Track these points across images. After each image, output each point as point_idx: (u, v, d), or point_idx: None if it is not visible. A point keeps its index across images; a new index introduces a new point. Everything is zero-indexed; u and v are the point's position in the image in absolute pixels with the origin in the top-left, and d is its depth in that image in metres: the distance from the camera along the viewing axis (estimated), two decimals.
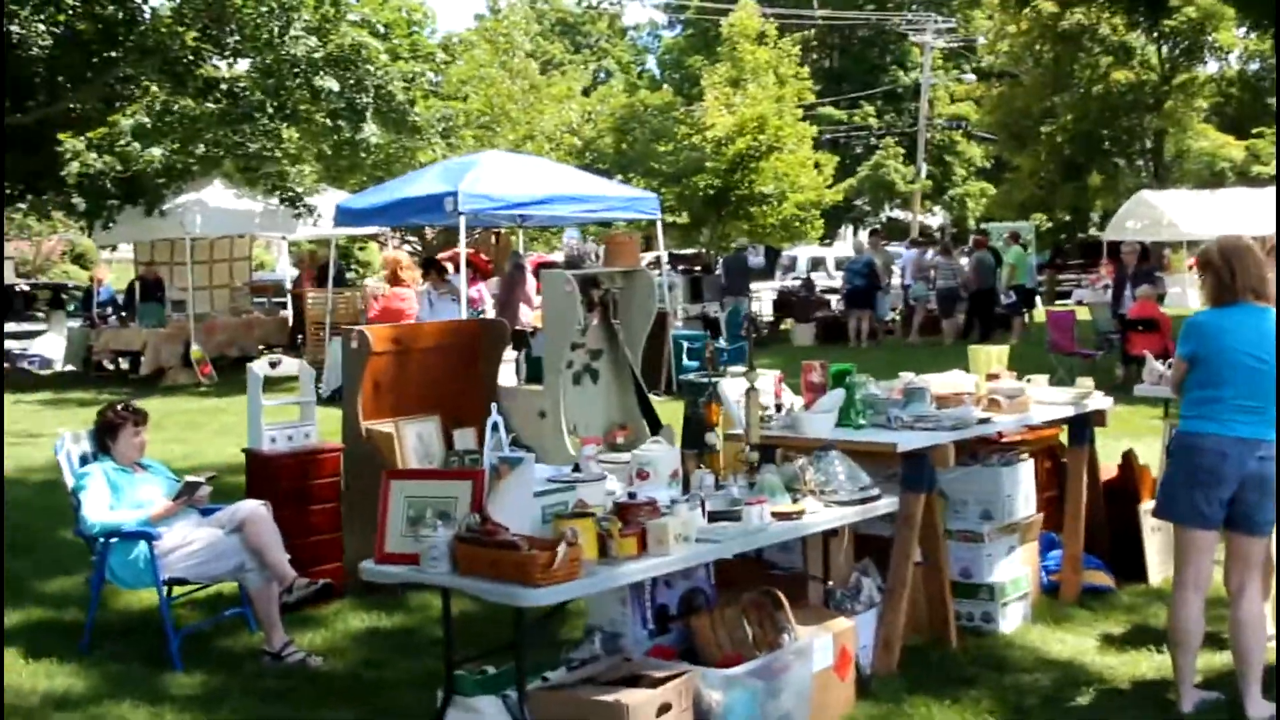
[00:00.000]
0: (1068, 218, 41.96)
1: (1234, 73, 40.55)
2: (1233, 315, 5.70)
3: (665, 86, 43.70)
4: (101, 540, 6.80)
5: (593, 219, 16.54)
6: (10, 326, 25.82)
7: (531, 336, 18.74)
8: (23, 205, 22.14)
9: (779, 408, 6.83)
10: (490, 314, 18.59)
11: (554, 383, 9.26)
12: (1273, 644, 6.35)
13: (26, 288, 29.46)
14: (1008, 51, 40.27)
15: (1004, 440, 7.42)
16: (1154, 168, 39.50)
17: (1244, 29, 32.93)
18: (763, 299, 29.41)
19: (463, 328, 9.81)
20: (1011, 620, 6.99)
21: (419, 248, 28.22)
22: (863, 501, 5.81)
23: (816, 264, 38.90)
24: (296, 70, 18.91)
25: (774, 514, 5.44)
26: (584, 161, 27.39)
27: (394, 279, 12.89)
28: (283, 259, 39.26)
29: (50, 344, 24.65)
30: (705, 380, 7.46)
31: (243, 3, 18.94)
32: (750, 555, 5.91)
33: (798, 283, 31.74)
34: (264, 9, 18.83)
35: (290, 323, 23.23)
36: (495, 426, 5.40)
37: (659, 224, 17.36)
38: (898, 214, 56.47)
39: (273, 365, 8.13)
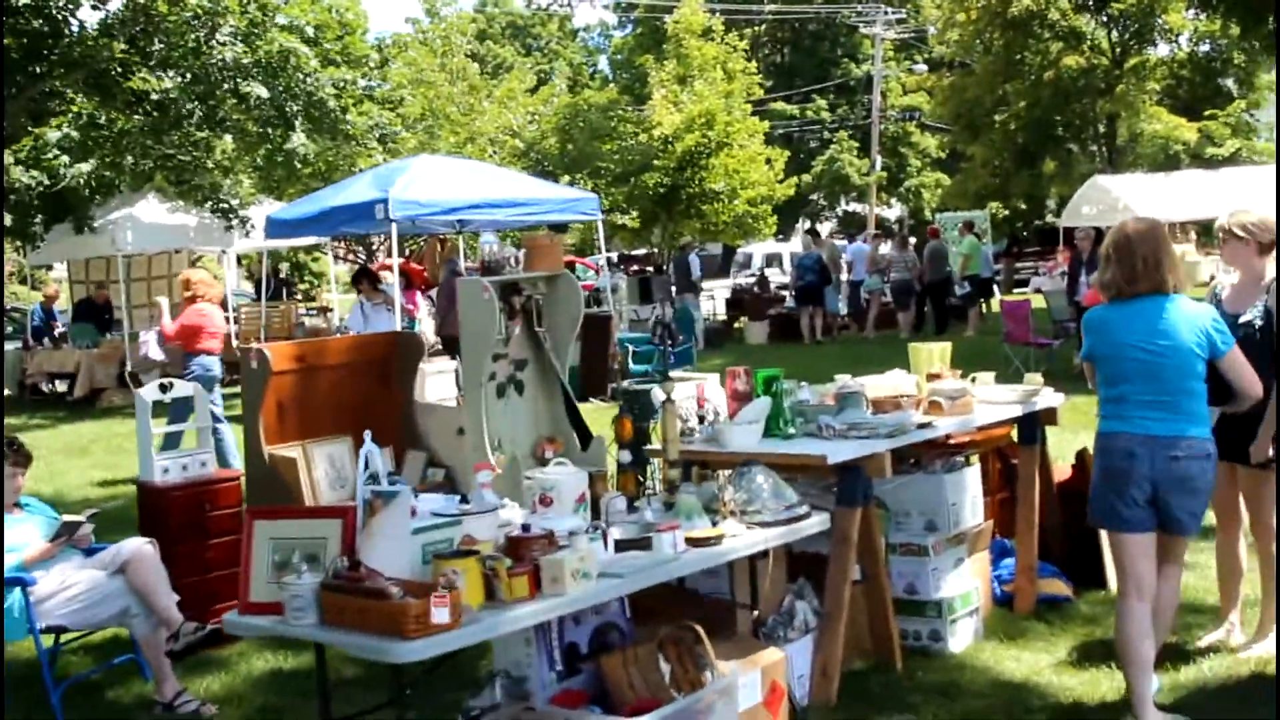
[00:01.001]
0: (1023, 205, 41.64)
1: (1184, 55, 40.28)
2: (1125, 309, 5.47)
3: (610, 85, 43.14)
4: None
5: (531, 221, 15.99)
6: None
7: None
8: None
9: (702, 419, 6.32)
10: (428, 323, 18.08)
11: (475, 396, 8.71)
12: (1261, 653, 6.06)
13: None
14: (957, 41, 39.86)
15: (951, 442, 6.93)
16: (1108, 152, 39.21)
17: (1192, 10, 32.56)
18: (715, 297, 28.93)
19: (375, 341, 9.26)
20: (961, 638, 6.51)
21: (363, 258, 27.65)
22: (789, 521, 5.30)
23: (771, 260, 38.47)
24: (224, 77, 18.29)
25: (689, 540, 4.93)
26: (528, 163, 26.83)
27: (190, 298, 12.16)
28: (230, 273, 38.60)
29: None
30: (634, 389, 6.96)
31: (168, 10, 18.34)
32: (672, 583, 5.42)
33: (751, 280, 31.26)
34: (188, 15, 18.22)
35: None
36: (369, 457, 4.83)
37: (599, 225, 16.81)
38: (855, 207, 56.14)
39: (164, 389, 7.56)
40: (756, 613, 5.75)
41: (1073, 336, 16.95)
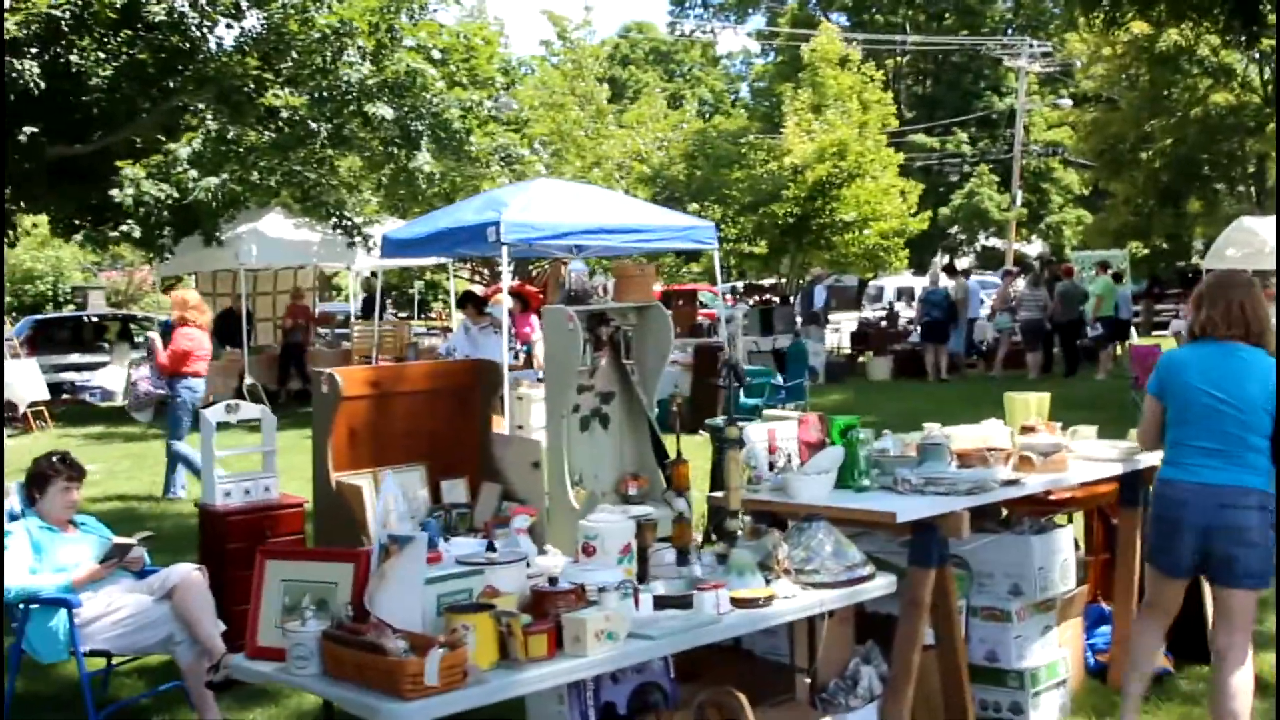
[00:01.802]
0: (1164, 245, 40.44)
1: None
2: (1199, 350, 5.45)
3: (741, 111, 42.79)
4: (20, 607, 6.10)
5: (646, 248, 15.72)
6: (75, 358, 25.51)
7: None
8: (78, 236, 21.75)
9: (772, 466, 5.96)
10: (541, 348, 17.90)
11: (556, 428, 8.48)
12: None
13: (95, 318, 29.14)
14: (1103, 75, 38.88)
15: (1051, 498, 6.48)
16: (1256, 193, 37.92)
17: None
18: (842, 330, 28.42)
19: (454, 369, 9.04)
20: (1045, 712, 6.06)
21: (488, 279, 27.62)
22: (850, 583, 4.92)
23: (902, 294, 37.82)
24: (349, 97, 18.34)
25: (734, 600, 4.58)
26: (655, 189, 26.64)
27: (181, 320, 12.28)
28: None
29: (112, 376, 24.33)
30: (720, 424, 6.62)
31: (299, 29, 18.46)
32: (726, 641, 5.08)
33: (881, 313, 30.69)
34: (315, 35, 18.32)
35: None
36: (388, 496, 4.54)
37: (716, 254, 16.50)
38: (994, 242, 55.09)
39: (230, 410, 7.39)
40: (812, 678, 5.36)
41: None
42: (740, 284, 34.88)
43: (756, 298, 29.20)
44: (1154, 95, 36.83)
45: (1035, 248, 55.52)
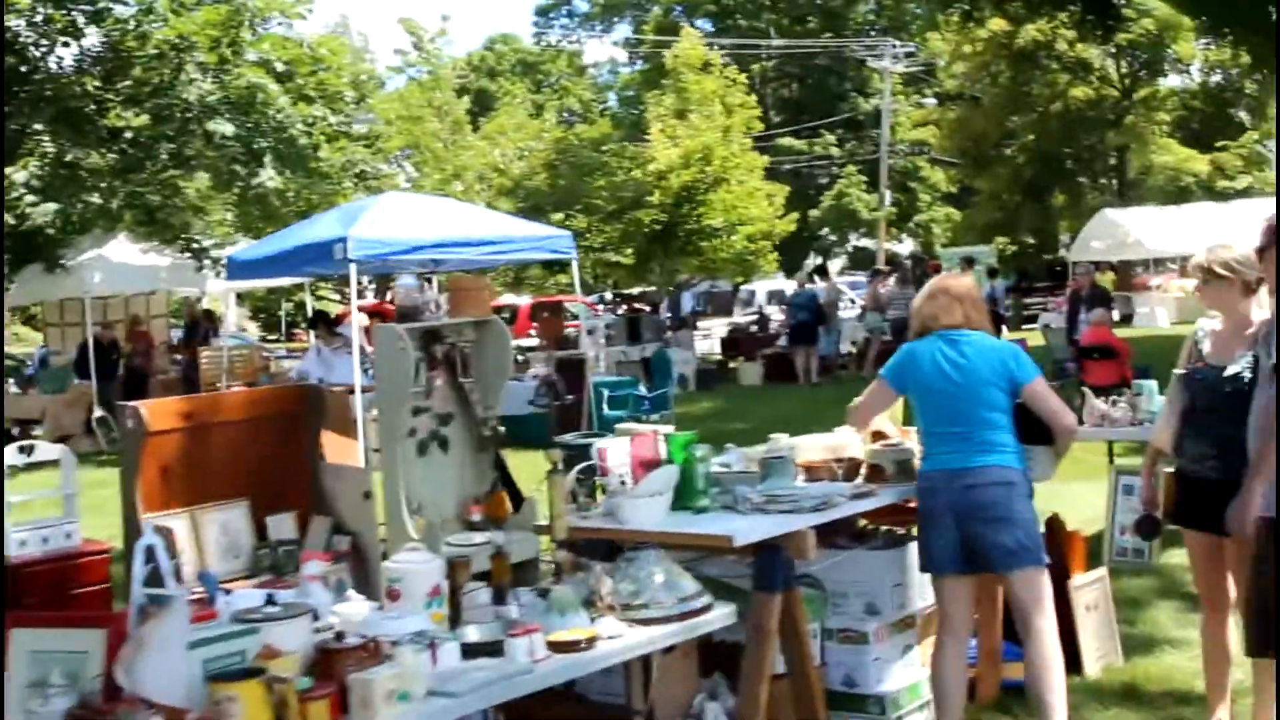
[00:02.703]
0: (1031, 240, 40.74)
1: (1196, 86, 39.50)
2: (927, 342, 5.46)
3: (607, 120, 42.46)
4: None
5: (502, 261, 15.32)
6: None
7: None
8: None
9: (603, 490, 5.52)
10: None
11: (392, 454, 7.94)
12: None
13: None
14: (964, 73, 39.12)
15: (911, 507, 6.12)
16: (1118, 186, 38.39)
17: (1203, 40, 31.80)
18: (713, 336, 28.15)
19: (276, 395, 8.50)
20: None
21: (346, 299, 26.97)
22: (683, 617, 4.48)
23: (773, 297, 37.67)
24: (190, 115, 17.67)
25: (551, 644, 4.13)
26: (516, 200, 26.15)
27: None
28: (231, 313, 37.94)
29: None
30: (572, 444, 6.19)
31: (136, 45, 17.76)
32: (556, 685, 4.63)
33: (752, 318, 30.45)
34: (154, 51, 17.63)
35: None
36: (150, 552, 4.01)
37: (575, 264, 16.08)
38: (865, 242, 55.30)
39: (23, 451, 6.80)
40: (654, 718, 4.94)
41: (1072, 377, 16.12)
42: (609, 293, 34.55)
43: (626, 306, 28.81)
44: (1015, 92, 37.13)
45: (907, 247, 55.87)
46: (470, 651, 4.09)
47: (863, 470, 5.68)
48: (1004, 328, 27.49)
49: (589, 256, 27.77)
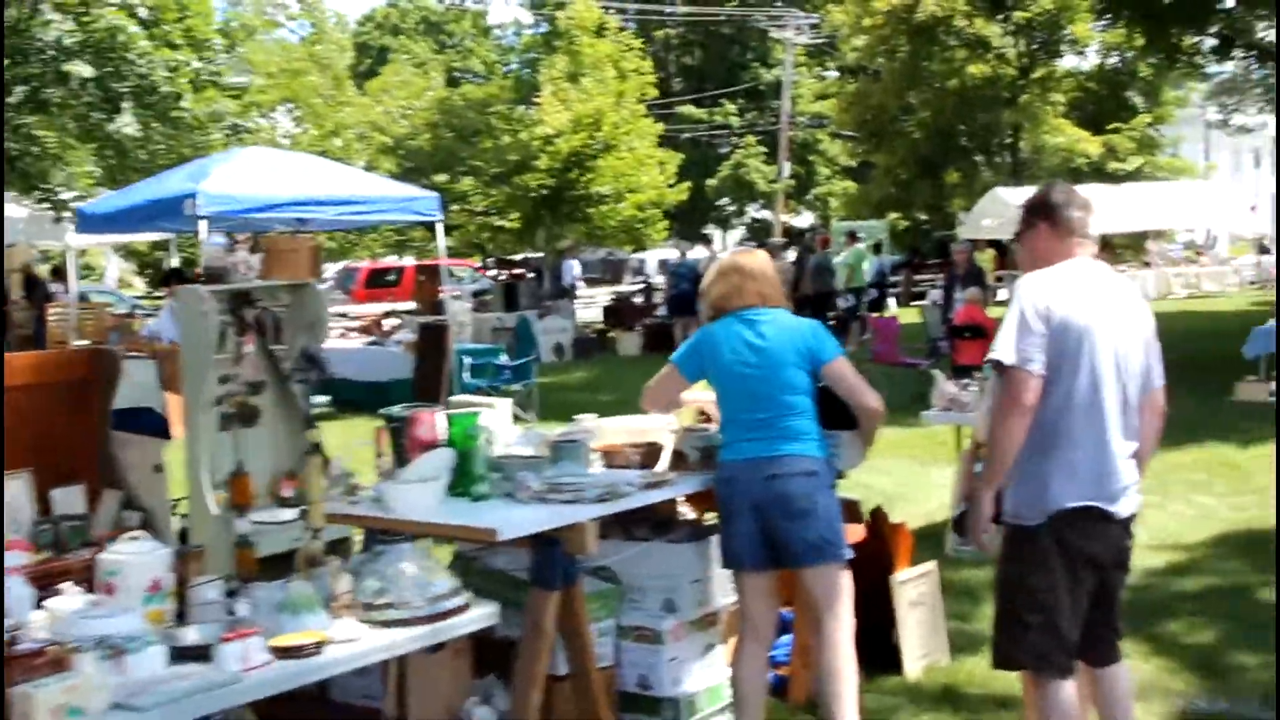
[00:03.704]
0: (924, 216, 40.65)
1: (1094, 68, 39.57)
2: (723, 325, 5.09)
3: (507, 82, 41.64)
4: None
5: (364, 221, 14.76)
6: None
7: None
8: None
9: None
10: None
11: (194, 424, 7.44)
12: None
13: None
14: (864, 47, 38.84)
15: None
16: (1012, 164, 38.38)
17: (1099, 22, 31.69)
18: (598, 304, 27.73)
19: (68, 359, 7.95)
20: None
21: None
22: (433, 619, 4.07)
23: (664, 267, 37.31)
24: (46, 56, 16.86)
25: (275, 648, 3.70)
26: (397, 160, 25.50)
27: None
28: (111, 267, 36.87)
29: None
30: (395, 415, 5.74)
31: None
32: (309, 687, 4.20)
33: (639, 287, 30.03)
34: None
35: None
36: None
37: (440, 227, 15.55)
38: (764, 214, 55.03)
39: None
40: None
41: (945, 356, 15.89)
42: (491, 259, 33.98)
43: (507, 273, 28.28)
44: (913, 67, 36.88)
45: (806, 219, 55.69)
46: (182, 654, 3.65)
47: (665, 457, 5.29)
48: (891, 303, 27.42)
49: (473, 220, 27.23)
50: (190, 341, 7.51)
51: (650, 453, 5.24)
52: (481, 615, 4.22)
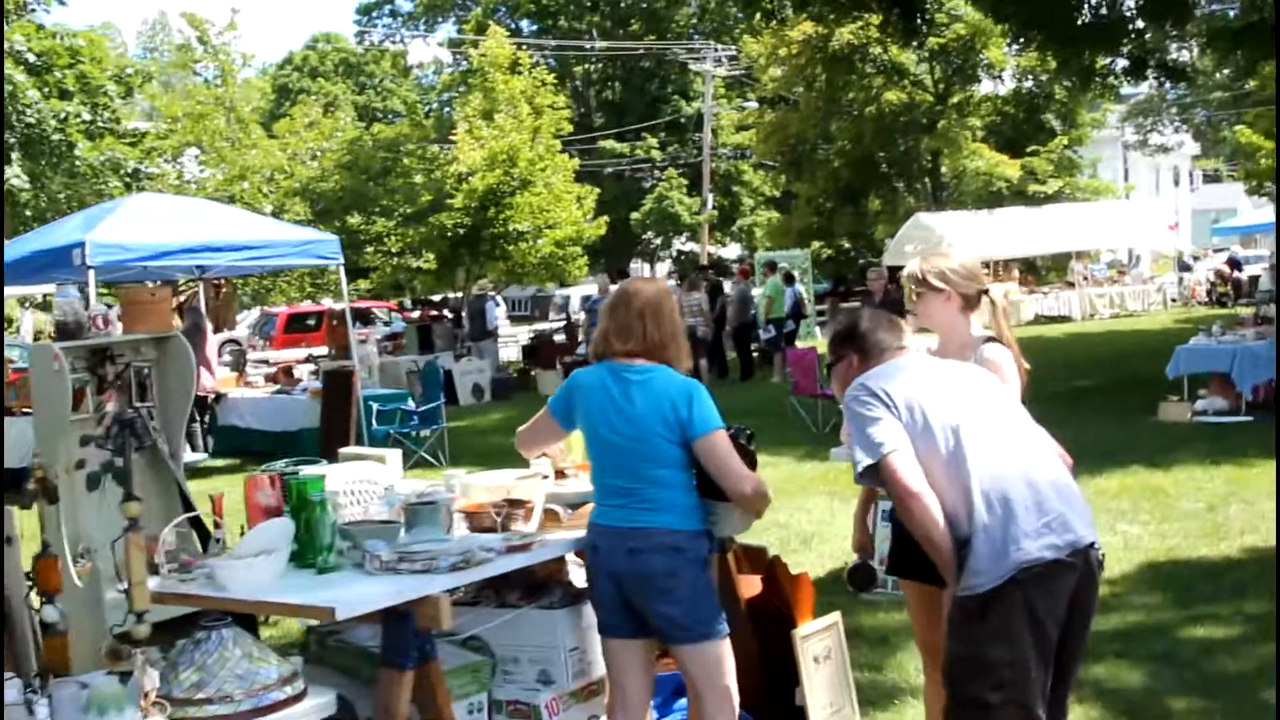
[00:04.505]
0: (847, 244, 40.56)
1: (1010, 92, 39.71)
2: (596, 374, 4.62)
3: (429, 122, 41.14)
4: None
5: (264, 266, 14.29)
6: None
7: (215, 404, 16.48)
8: None
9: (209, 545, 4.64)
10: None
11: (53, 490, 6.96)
12: None
13: None
14: (780, 77, 38.77)
15: None
16: (931, 189, 38.41)
17: (1012, 46, 31.70)
18: (518, 343, 27.29)
19: None
20: None
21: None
22: (257, 713, 3.63)
23: (585, 303, 36.93)
24: None
25: None
26: (306, 203, 24.97)
27: None
28: (26, 320, 36.00)
29: None
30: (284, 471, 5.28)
31: None
32: None
33: (559, 325, 29.60)
34: None
35: None
36: None
37: (342, 271, 15.11)
38: (691, 246, 54.82)
39: None
40: None
41: None
42: (407, 300, 33.47)
43: (421, 313, 27.77)
44: (831, 95, 36.85)
45: (733, 250, 55.53)
46: None
47: (534, 515, 4.87)
48: (817, 331, 27.13)
49: (388, 261, 26.74)
50: (44, 402, 7.05)
51: (511, 513, 4.80)
52: (316, 706, 3.78)
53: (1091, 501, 10.09)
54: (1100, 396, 17.13)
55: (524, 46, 33.20)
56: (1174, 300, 37.69)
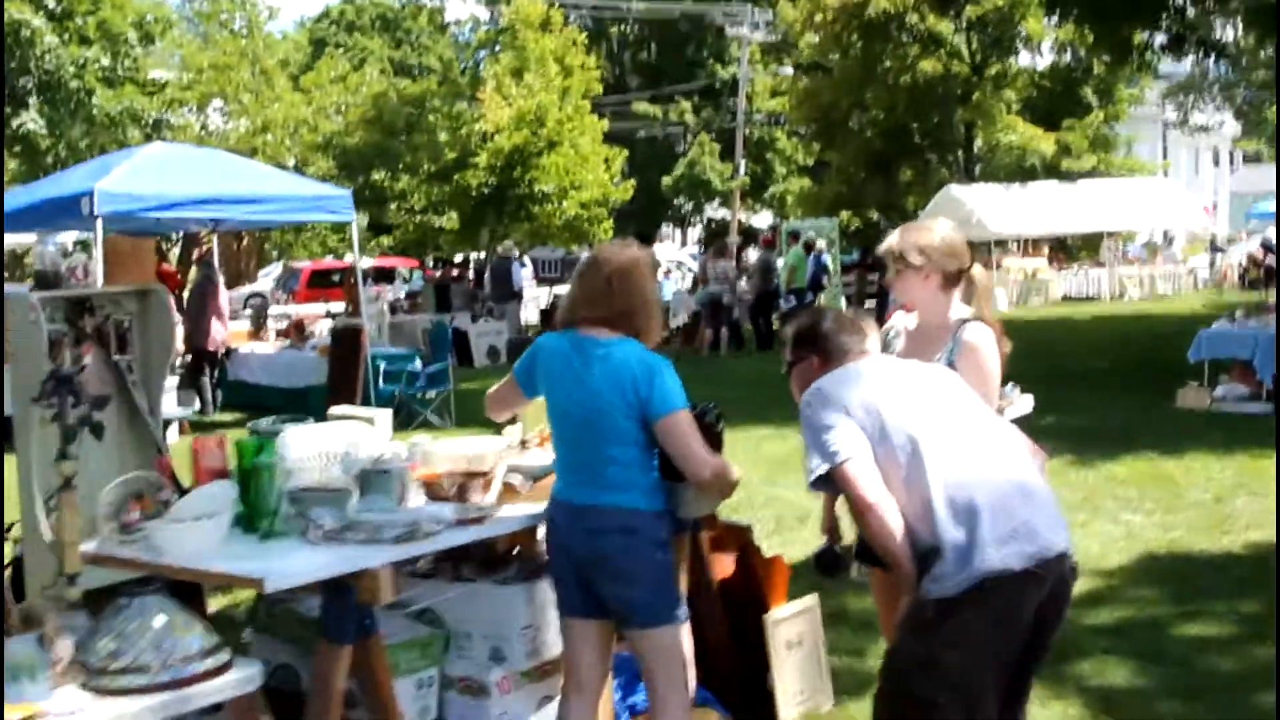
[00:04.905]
0: (875, 215, 40.12)
1: (1046, 66, 39.22)
2: (560, 340, 4.45)
3: (431, 75, 40.88)
4: None
5: (273, 221, 14.18)
6: None
7: (226, 358, 16.42)
8: None
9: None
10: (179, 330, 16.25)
11: (26, 443, 6.85)
12: None
13: None
14: (817, 43, 38.38)
15: None
16: (964, 162, 37.98)
17: (1051, 18, 31.21)
18: (539, 306, 27.15)
19: None
20: None
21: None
22: (175, 685, 3.50)
23: None
24: None
25: None
26: (329, 157, 24.83)
27: None
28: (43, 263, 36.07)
29: None
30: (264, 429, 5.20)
31: None
32: None
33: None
34: None
35: None
36: None
37: (354, 225, 14.98)
38: (723, 213, 54.53)
39: None
40: None
41: None
42: (430, 259, 33.32)
43: (443, 272, 27.62)
44: (866, 63, 36.44)
45: (765, 218, 55.19)
46: None
47: (496, 486, 4.72)
48: (843, 302, 26.87)
49: (410, 219, 26.61)
50: (20, 353, 6.93)
51: (467, 483, 4.64)
52: (239, 680, 3.65)
53: (1100, 488, 10.02)
54: (1120, 379, 16.90)
55: (560, 5, 32.87)
56: (1206, 283, 37.26)
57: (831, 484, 3.78)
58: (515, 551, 5.04)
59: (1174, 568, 7.81)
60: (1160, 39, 25.28)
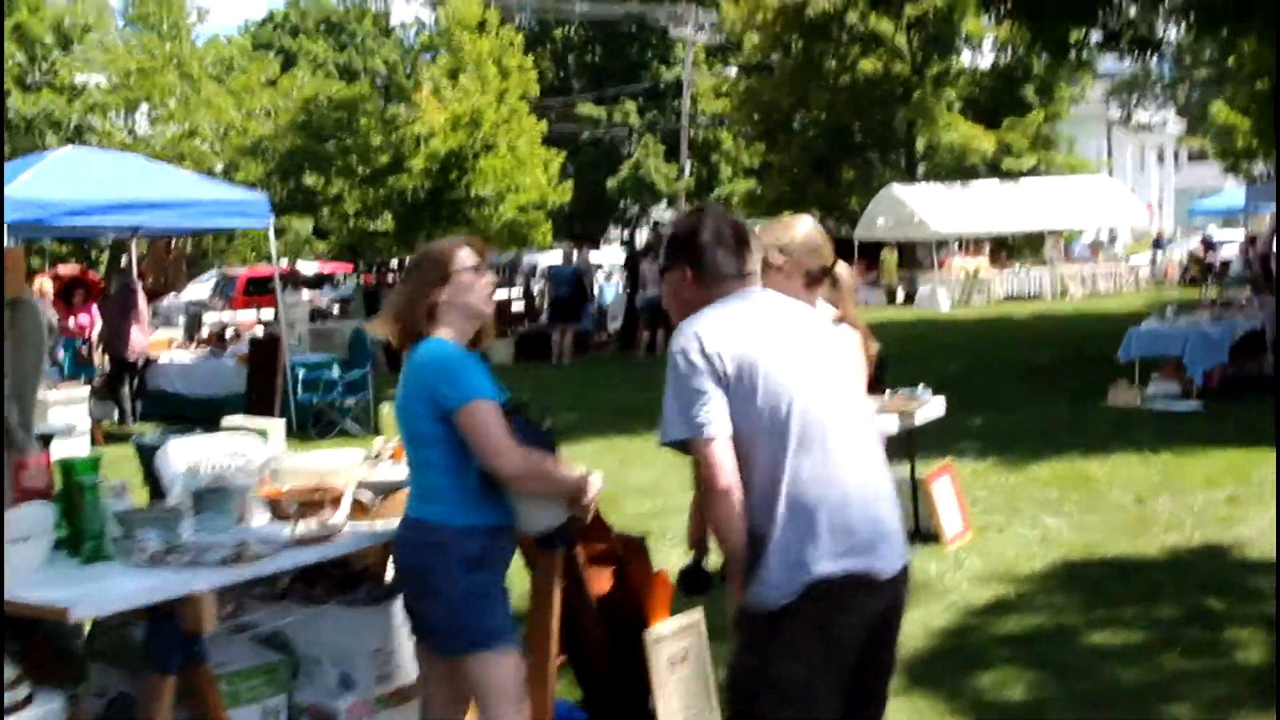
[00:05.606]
0: (819, 215, 40.04)
1: (986, 65, 39.27)
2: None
3: (361, 79, 40.60)
4: None
5: (187, 227, 13.86)
6: None
7: (144, 369, 16.11)
8: None
9: None
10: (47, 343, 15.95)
11: None
12: None
13: None
14: (757, 44, 38.29)
15: None
16: (905, 162, 37.97)
17: (988, 16, 31.13)
18: None
19: None
20: None
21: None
22: None
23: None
24: None
25: None
26: (258, 161, 24.48)
27: None
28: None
29: None
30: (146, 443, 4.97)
31: None
32: None
33: (519, 293, 29.11)
34: None
35: None
36: None
37: (271, 231, 14.68)
38: (669, 215, 54.32)
39: None
40: None
41: None
42: (363, 264, 32.94)
43: (378, 278, 27.33)
44: (807, 63, 36.38)
45: None
46: None
47: (345, 503, 4.46)
48: None
49: (345, 224, 26.29)
50: None
51: (310, 501, 4.37)
52: (38, 716, 3.39)
53: (1020, 489, 9.86)
54: (1053, 378, 16.80)
55: (501, 7, 32.60)
56: (1148, 281, 37.35)
57: (685, 450, 3.51)
58: (364, 571, 4.77)
59: (1087, 573, 7.62)
60: (1096, 36, 25.21)
